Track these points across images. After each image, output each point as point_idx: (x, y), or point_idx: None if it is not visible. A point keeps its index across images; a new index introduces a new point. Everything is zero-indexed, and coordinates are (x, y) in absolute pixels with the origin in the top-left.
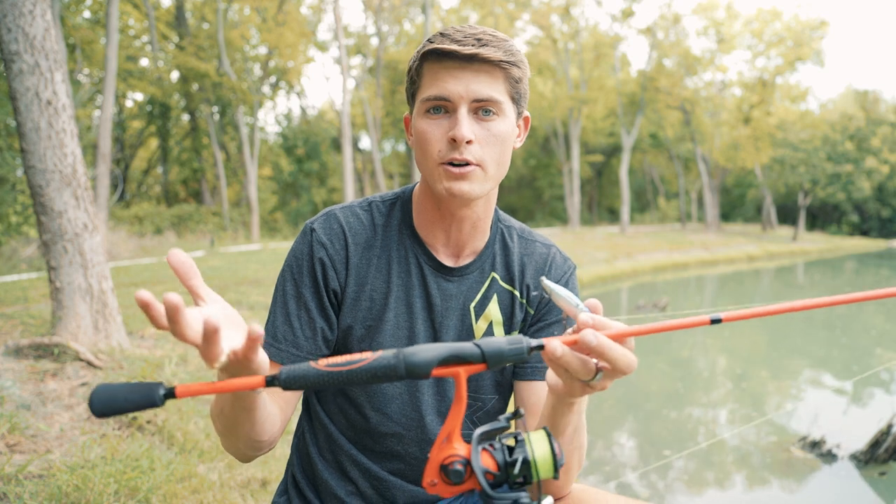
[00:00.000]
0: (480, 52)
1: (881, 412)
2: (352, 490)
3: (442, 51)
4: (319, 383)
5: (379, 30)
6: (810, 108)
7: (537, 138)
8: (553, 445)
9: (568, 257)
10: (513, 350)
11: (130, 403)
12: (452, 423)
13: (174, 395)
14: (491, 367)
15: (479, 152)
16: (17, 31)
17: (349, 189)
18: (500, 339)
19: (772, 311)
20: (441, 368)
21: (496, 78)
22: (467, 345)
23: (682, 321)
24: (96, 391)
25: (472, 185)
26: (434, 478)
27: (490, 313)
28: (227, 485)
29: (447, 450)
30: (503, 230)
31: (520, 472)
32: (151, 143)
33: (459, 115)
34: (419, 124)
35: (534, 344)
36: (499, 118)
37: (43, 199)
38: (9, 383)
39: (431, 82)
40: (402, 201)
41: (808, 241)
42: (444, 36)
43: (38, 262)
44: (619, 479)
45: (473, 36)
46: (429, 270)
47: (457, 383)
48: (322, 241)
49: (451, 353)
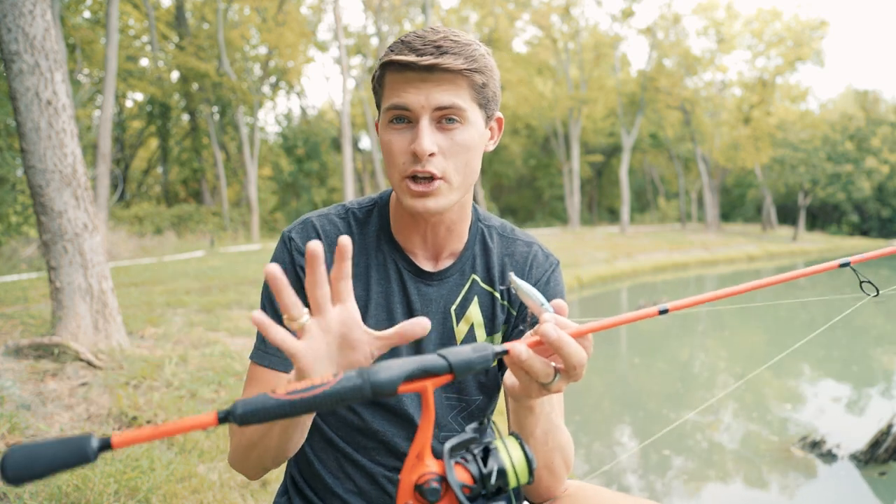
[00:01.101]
0: (439, 62)
1: (881, 412)
2: (351, 488)
3: (399, 62)
4: (280, 413)
5: (379, 30)
6: (810, 108)
7: (537, 138)
8: (525, 450)
9: (550, 253)
10: (479, 358)
11: (57, 462)
12: (422, 439)
13: (110, 447)
14: (458, 376)
15: (443, 164)
16: (17, 31)
17: (349, 189)
18: (465, 347)
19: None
20: (408, 384)
21: (459, 86)
22: (432, 357)
23: (634, 314)
24: (9, 454)
25: (437, 200)
26: (408, 499)
27: (471, 315)
28: (227, 485)
29: (419, 468)
30: (483, 230)
31: (496, 482)
32: (151, 143)
33: (421, 127)
34: (384, 134)
35: (498, 350)
36: (463, 126)
37: (43, 199)
38: (9, 383)
39: (392, 92)
40: (379, 207)
41: (808, 241)
42: (403, 44)
43: (38, 262)
44: (619, 482)
45: (433, 43)
46: (408, 276)
47: (424, 399)
48: (301, 250)
49: (418, 367)
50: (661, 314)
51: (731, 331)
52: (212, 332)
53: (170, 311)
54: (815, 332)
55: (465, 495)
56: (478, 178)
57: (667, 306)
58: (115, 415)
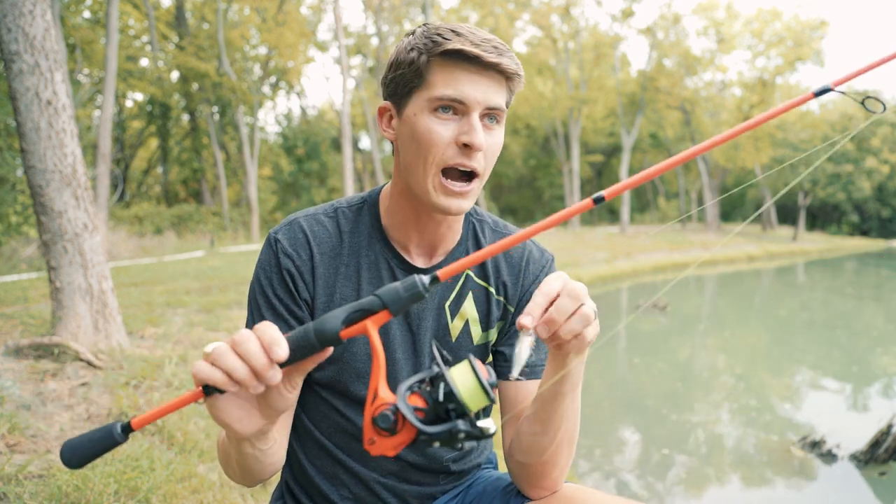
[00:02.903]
0: (501, 61)
1: (881, 412)
2: (345, 494)
3: (465, 53)
4: None
5: (379, 30)
6: (810, 107)
7: (537, 138)
8: (476, 371)
9: (545, 250)
10: (407, 287)
11: (96, 448)
12: (374, 379)
13: (131, 429)
14: (394, 313)
15: (483, 162)
16: (17, 31)
17: (349, 189)
18: (395, 283)
19: (651, 173)
20: (350, 328)
21: (503, 87)
22: (367, 298)
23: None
24: (62, 449)
25: (469, 201)
26: (371, 435)
27: (465, 311)
28: (227, 485)
29: (375, 404)
30: (475, 224)
31: (446, 401)
32: (151, 143)
33: (473, 121)
34: (424, 122)
35: (427, 280)
36: (500, 127)
37: (43, 199)
38: (9, 383)
39: (447, 82)
40: (369, 205)
41: (808, 241)
42: (458, 35)
43: (38, 262)
44: (618, 479)
45: (490, 42)
46: (401, 273)
47: (369, 337)
48: (287, 252)
49: (352, 309)
50: (595, 203)
51: (731, 331)
52: (212, 332)
53: (170, 311)
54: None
55: (420, 419)
56: None
57: (602, 194)
58: (115, 415)
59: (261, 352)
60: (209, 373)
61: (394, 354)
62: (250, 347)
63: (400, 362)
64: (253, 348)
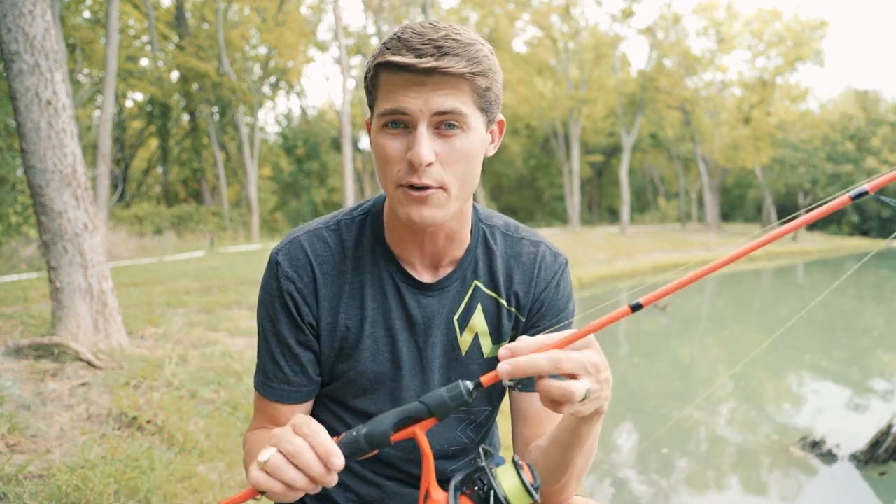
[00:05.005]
0: (440, 64)
1: (881, 412)
2: (352, 497)
3: (397, 64)
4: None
5: (379, 30)
6: (810, 108)
7: (537, 138)
8: (521, 475)
9: (559, 252)
10: (453, 397)
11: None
12: (427, 479)
13: None
14: (440, 418)
15: (441, 174)
16: (17, 31)
17: (349, 189)
18: (440, 390)
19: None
20: (399, 433)
21: (460, 90)
22: (413, 405)
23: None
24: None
25: (433, 210)
26: None
27: (475, 324)
28: (227, 485)
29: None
30: (485, 231)
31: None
32: (151, 143)
33: (418, 134)
34: (377, 139)
35: (471, 386)
36: (464, 132)
37: (43, 199)
38: (9, 383)
39: (388, 95)
40: (371, 216)
41: (808, 241)
42: (401, 42)
43: (38, 262)
44: (617, 478)
45: (433, 43)
46: (406, 289)
47: (419, 442)
48: (289, 276)
49: (400, 416)
50: (633, 311)
51: (731, 331)
52: (212, 332)
53: (170, 311)
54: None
55: None
56: (478, 183)
57: (640, 301)
58: (115, 415)
59: (318, 463)
60: (268, 484)
61: (400, 371)
62: (307, 460)
63: (406, 379)
64: (310, 460)
